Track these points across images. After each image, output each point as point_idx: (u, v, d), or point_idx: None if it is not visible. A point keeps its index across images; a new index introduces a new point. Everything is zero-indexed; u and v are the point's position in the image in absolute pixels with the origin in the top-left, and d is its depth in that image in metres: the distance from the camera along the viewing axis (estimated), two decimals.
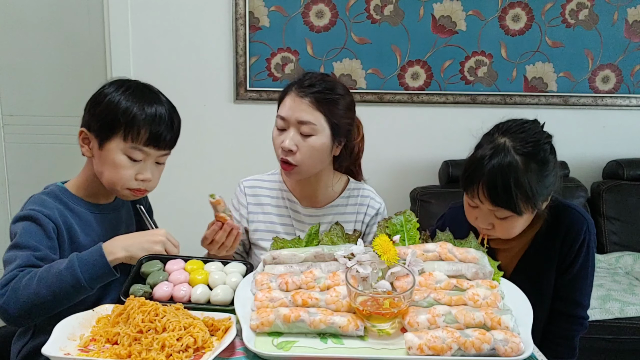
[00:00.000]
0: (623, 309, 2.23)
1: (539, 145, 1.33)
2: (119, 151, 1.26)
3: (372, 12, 2.71)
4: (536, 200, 1.32)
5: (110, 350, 0.97)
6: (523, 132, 1.34)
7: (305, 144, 1.42)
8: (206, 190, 3.06)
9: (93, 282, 1.15)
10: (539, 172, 1.32)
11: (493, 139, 1.36)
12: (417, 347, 0.95)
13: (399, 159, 2.88)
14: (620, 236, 2.69)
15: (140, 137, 1.26)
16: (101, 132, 1.26)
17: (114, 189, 1.31)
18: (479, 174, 1.31)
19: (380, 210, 1.60)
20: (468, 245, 1.26)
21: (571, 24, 2.76)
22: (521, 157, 1.30)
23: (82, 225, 1.30)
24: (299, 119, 1.41)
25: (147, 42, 2.71)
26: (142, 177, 1.29)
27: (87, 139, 1.29)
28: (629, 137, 2.91)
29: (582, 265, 1.44)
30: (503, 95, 2.81)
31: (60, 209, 1.27)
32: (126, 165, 1.27)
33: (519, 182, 1.28)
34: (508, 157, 1.29)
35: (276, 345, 1.00)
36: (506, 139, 1.33)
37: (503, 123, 1.41)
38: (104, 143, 1.26)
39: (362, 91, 2.78)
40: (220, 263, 1.28)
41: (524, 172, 1.29)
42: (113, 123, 1.25)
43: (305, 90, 1.43)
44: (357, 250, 1.15)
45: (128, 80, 1.33)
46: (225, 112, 2.79)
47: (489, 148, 1.33)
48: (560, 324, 1.48)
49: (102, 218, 1.35)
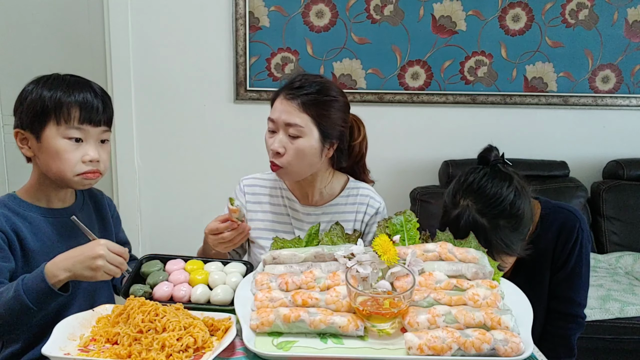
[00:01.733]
0: (623, 309, 2.23)
1: (503, 201, 1.32)
2: (57, 137, 1.23)
3: (372, 12, 2.71)
4: (512, 249, 1.33)
5: (110, 350, 0.97)
6: (484, 191, 1.33)
7: (293, 146, 1.42)
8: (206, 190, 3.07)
9: (43, 305, 1.11)
10: (510, 225, 1.32)
11: (456, 200, 1.36)
12: (417, 347, 0.95)
13: (399, 159, 2.88)
14: (620, 236, 2.69)
15: (72, 117, 1.23)
16: (34, 124, 1.24)
17: (64, 179, 1.26)
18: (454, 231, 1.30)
19: (380, 209, 1.60)
20: (468, 245, 1.26)
21: (571, 24, 2.76)
22: (487, 219, 1.31)
23: (32, 230, 1.26)
24: (286, 121, 1.42)
25: (147, 42, 2.71)
26: (89, 158, 1.25)
27: (25, 139, 1.27)
28: (629, 137, 2.91)
29: (576, 263, 1.45)
30: (503, 95, 2.81)
31: (7, 216, 1.23)
32: (68, 149, 1.23)
33: (489, 241, 1.29)
34: (472, 220, 1.31)
35: (276, 345, 1.00)
36: (469, 201, 1.33)
37: (463, 180, 1.39)
38: (40, 135, 1.24)
39: (362, 91, 2.78)
40: (220, 263, 1.28)
41: (493, 231, 1.30)
42: (43, 111, 1.23)
43: (294, 92, 1.43)
44: (357, 250, 1.15)
45: (52, 74, 1.31)
46: (225, 112, 2.79)
47: (455, 212, 1.34)
48: (557, 322, 1.49)
49: (55, 222, 1.30)
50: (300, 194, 1.58)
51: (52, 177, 1.27)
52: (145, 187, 2.85)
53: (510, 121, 2.83)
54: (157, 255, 1.30)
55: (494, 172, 1.38)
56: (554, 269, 1.47)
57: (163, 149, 2.81)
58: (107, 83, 2.77)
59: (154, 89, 2.74)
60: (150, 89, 2.74)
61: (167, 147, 2.80)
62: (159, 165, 2.83)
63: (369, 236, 1.58)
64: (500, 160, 1.42)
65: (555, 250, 1.45)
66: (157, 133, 2.79)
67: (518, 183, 1.37)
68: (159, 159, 2.83)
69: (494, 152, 1.43)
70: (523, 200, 1.35)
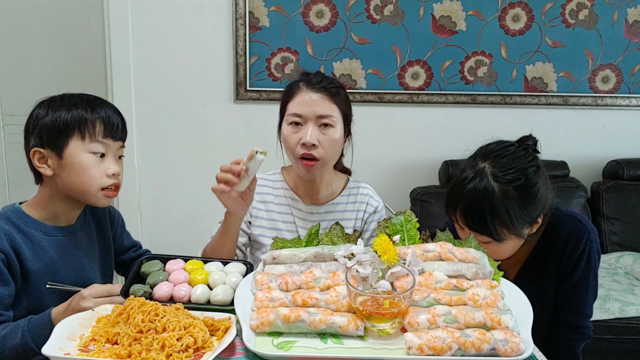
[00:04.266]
0: (623, 309, 2.23)
1: (520, 171, 1.29)
2: (81, 151, 1.23)
3: (372, 12, 2.71)
4: (518, 228, 1.29)
5: (110, 350, 0.97)
6: (504, 157, 1.31)
7: (326, 137, 1.45)
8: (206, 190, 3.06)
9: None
10: (520, 199, 1.28)
11: (474, 162, 1.33)
12: (417, 347, 0.95)
13: (399, 159, 2.88)
14: (620, 236, 2.69)
15: (97, 131, 1.24)
16: (56, 141, 1.23)
17: (88, 194, 1.26)
18: (458, 197, 1.29)
19: (378, 208, 1.63)
20: (468, 245, 1.26)
21: (571, 24, 2.76)
22: (499, 184, 1.27)
23: (33, 249, 1.24)
24: (317, 113, 1.44)
25: (147, 42, 2.71)
26: (112, 172, 1.26)
27: (44, 157, 1.24)
28: (629, 137, 2.91)
29: (583, 274, 1.41)
30: (503, 95, 2.81)
31: (9, 233, 1.21)
32: (93, 163, 1.24)
33: (495, 209, 1.25)
34: (484, 183, 1.26)
35: (276, 345, 1.00)
36: (486, 164, 1.30)
37: (486, 146, 1.37)
38: (62, 151, 1.23)
39: (362, 91, 2.78)
40: (220, 263, 1.28)
41: (502, 199, 1.26)
42: (65, 127, 1.22)
43: (317, 86, 1.46)
44: (357, 250, 1.15)
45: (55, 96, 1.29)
46: (225, 112, 2.79)
47: (470, 172, 1.30)
48: (562, 332, 1.46)
49: (57, 241, 1.29)
50: (304, 193, 1.59)
51: (75, 193, 1.27)
52: (145, 187, 2.85)
53: (510, 121, 2.83)
54: (157, 255, 1.30)
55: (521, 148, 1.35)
56: (559, 279, 1.43)
57: (163, 149, 2.81)
58: (107, 83, 2.77)
59: (154, 89, 2.74)
60: (150, 89, 2.74)
61: (167, 147, 2.81)
62: (159, 165, 2.83)
63: (366, 234, 1.60)
64: (532, 145, 1.38)
65: (561, 259, 1.41)
66: (157, 133, 2.79)
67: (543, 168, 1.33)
68: (159, 159, 2.83)
69: (531, 140, 1.40)
70: (541, 183, 1.31)
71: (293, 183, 1.61)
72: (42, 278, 1.24)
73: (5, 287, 1.19)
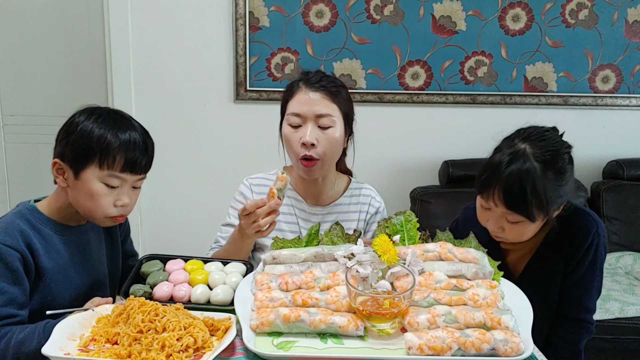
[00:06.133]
0: (623, 309, 2.23)
1: (558, 154, 1.33)
2: (95, 179, 1.23)
3: (372, 12, 2.71)
4: (549, 208, 1.32)
5: (110, 350, 0.97)
6: (543, 140, 1.34)
7: (325, 136, 1.45)
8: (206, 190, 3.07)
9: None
10: (555, 180, 1.31)
11: (513, 144, 1.36)
12: (417, 347, 0.95)
13: (399, 159, 2.88)
14: (620, 236, 2.69)
15: (115, 164, 1.23)
16: (76, 161, 1.24)
17: (93, 218, 1.28)
18: (496, 177, 1.30)
19: (380, 209, 1.63)
20: (468, 245, 1.26)
21: (571, 24, 2.76)
22: (540, 164, 1.30)
23: (47, 248, 1.26)
24: (317, 112, 1.43)
25: (147, 42, 2.71)
26: (121, 204, 1.27)
27: (62, 170, 1.26)
28: (629, 137, 2.91)
29: (589, 268, 1.43)
30: (503, 95, 2.81)
31: (24, 232, 1.22)
32: (104, 193, 1.24)
33: (536, 188, 1.28)
34: (527, 164, 1.29)
35: (276, 345, 1.00)
36: (526, 145, 1.33)
37: (524, 129, 1.41)
38: (79, 173, 1.24)
39: (362, 91, 2.78)
40: (220, 263, 1.28)
41: (541, 179, 1.29)
42: (87, 151, 1.22)
43: (316, 85, 1.46)
44: (357, 250, 1.15)
45: (99, 108, 1.30)
46: (225, 112, 2.79)
47: (508, 153, 1.33)
48: (565, 327, 1.47)
49: (69, 241, 1.31)
50: (307, 194, 1.59)
51: (80, 210, 1.28)
52: (145, 187, 2.83)
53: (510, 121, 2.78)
54: (157, 255, 1.30)
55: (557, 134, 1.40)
56: (566, 272, 1.45)
57: (163, 149, 2.80)
58: (107, 83, 2.77)
59: (154, 89, 2.74)
60: (150, 89, 2.74)
61: (167, 147, 2.80)
62: (158, 165, 2.81)
63: (368, 234, 1.60)
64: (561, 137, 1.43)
65: (569, 252, 1.43)
66: (157, 133, 2.75)
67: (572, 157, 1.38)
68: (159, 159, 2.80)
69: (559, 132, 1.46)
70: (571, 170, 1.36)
71: (295, 183, 1.61)
72: (53, 276, 1.25)
73: (19, 287, 1.19)
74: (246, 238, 1.40)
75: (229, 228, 1.59)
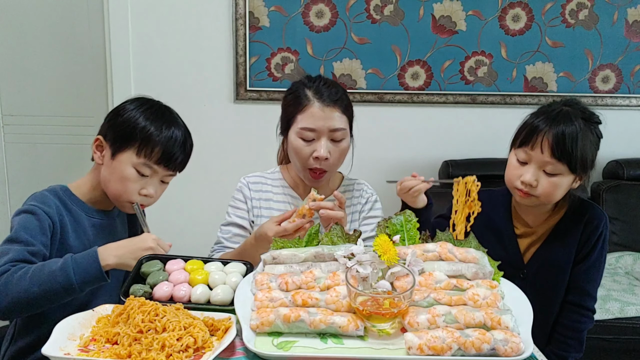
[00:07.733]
0: (623, 309, 2.23)
1: (593, 122, 1.44)
2: (130, 164, 1.30)
3: (372, 12, 2.71)
4: (587, 165, 1.41)
5: (110, 350, 0.97)
6: (584, 108, 1.45)
7: (337, 149, 1.49)
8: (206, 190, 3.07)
9: (84, 285, 1.17)
10: (592, 143, 1.42)
11: (553, 108, 1.44)
12: (417, 347, 0.95)
13: (399, 159, 2.88)
14: (620, 236, 2.69)
15: (153, 155, 1.30)
16: (116, 142, 1.30)
17: (117, 200, 1.34)
18: (545, 125, 1.38)
19: (370, 198, 1.66)
20: (468, 245, 1.26)
21: (571, 24, 2.76)
22: (585, 123, 1.40)
23: (75, 227, 1.31)
24: (331, 127, 1.46)
25: (147, 42, 2.71)
26: (146, 193, 1.33)
27: (101, 147, 1.33)
28: (629, 137, 2.91)
29: (598, 257, 1.50)
30: (503, 95, 2.81)
31: (58, 207, 1.29)
32: (133, 179, 1.30)
33: (582, 141, 1.37)
34: (576, 120, 1.39)
35: (276, 345, 1.00)
36: (569, 109, 1.42)
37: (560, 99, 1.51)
38: (116, 154, 1.30)
39: (362, 91, 2.78)
40: (220, 263, 1.28)
41: (585, 134, 1.39)
42: (129, 136, 1.29)
43: (327, 100, 1.47)
44: (357, 250, 1.15)
45: (151, 100, 1.38)
46: (225, 112, 2.79)
47: (554, 110, 1.41)
48: (570, 315, 1.52)
49: (96, 224, 1.37)
50: (304, 192, 1.61)
51: (107, 190, 1.34)
52: None
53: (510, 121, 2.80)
54: (157, 255, 1.30)
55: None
56: (576, 260, 1.51)
57: None
58: (107, 83, 2.77)
59: (154, 89, 2.72)
60: (150, 89, 2.72)
61: None
62: None
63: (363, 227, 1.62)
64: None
65: (580, 240, 1.50)
66: None
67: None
68: None
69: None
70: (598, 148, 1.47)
71: (292, 181, 1.63)
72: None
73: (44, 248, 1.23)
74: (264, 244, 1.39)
75: (229, 228, 1.60)
